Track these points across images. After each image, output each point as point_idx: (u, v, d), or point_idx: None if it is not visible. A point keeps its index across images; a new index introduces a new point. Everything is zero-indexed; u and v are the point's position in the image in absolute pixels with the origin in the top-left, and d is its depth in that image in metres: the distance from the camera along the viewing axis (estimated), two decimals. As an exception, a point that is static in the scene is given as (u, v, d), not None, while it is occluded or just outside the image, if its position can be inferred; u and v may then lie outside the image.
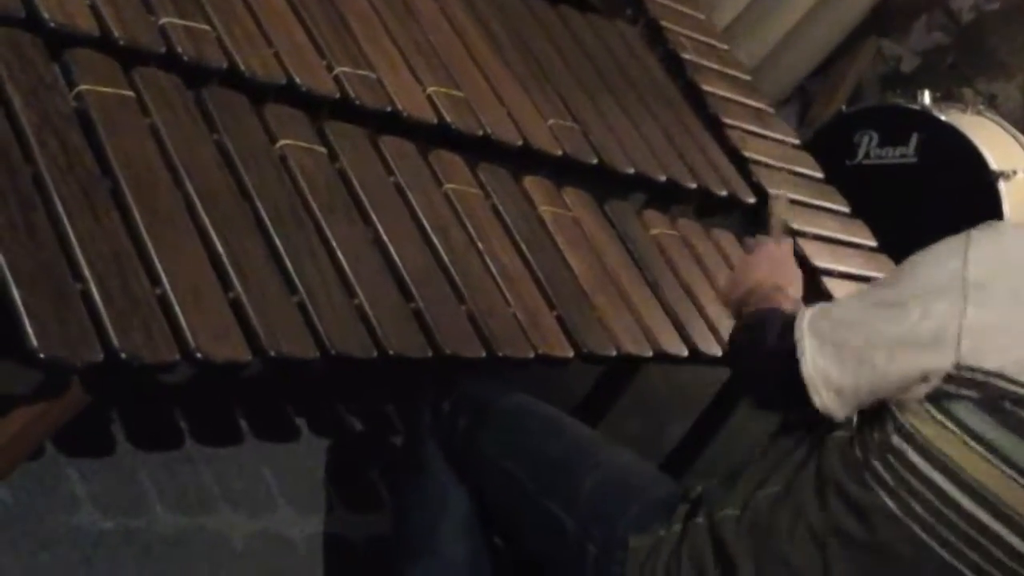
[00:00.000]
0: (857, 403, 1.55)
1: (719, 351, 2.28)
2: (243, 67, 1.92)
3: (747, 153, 2.90)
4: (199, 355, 1.48)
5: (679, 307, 2.30)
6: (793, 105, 4.80)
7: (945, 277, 1.47)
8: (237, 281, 1.60)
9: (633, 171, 2.54)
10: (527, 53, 2.61)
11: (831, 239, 2.87)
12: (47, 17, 1.69)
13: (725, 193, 2.74)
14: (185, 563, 2.05)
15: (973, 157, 3.77)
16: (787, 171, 3.00)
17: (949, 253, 1.51)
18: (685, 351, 2.23)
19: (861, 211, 3.08)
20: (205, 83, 1.86)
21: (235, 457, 2.25)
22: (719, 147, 2.88)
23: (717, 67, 3.16)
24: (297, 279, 1.68)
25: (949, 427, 1.45)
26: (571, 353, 2.01)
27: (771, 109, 3.25)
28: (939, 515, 1.47)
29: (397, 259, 1.87)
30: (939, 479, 1.47)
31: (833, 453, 1.57)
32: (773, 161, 2.97)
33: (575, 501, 1.78)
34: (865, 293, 1.64)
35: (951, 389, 1.44)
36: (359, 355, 1.69)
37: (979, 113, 4.06)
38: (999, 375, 1.42)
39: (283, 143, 1.87)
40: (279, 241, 1.71)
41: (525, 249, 2.11)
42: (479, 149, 2.24)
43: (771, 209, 2.35)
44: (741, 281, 2.02)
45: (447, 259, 1.95)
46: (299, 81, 1.99)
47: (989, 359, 1.43)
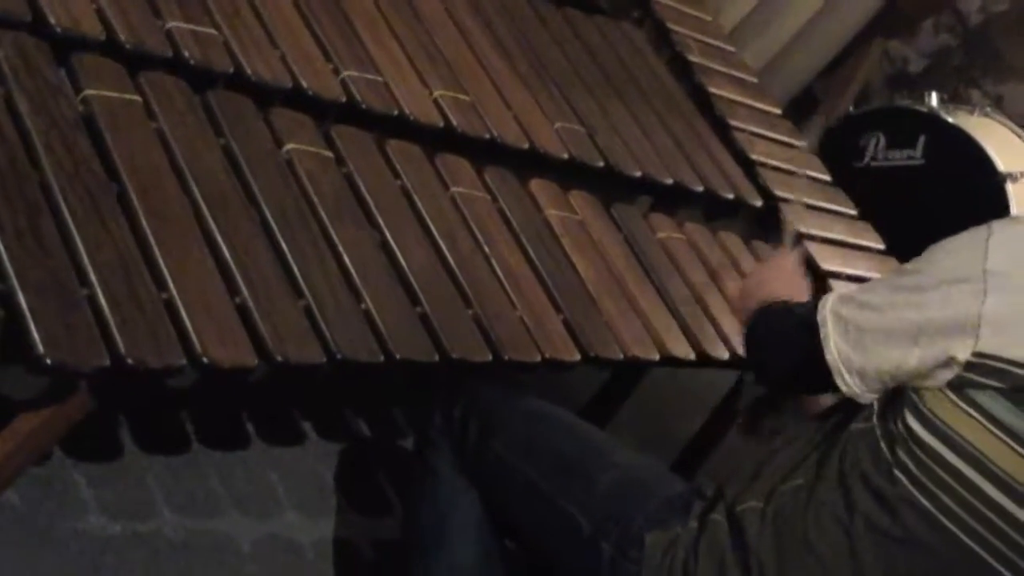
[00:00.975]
0: (881, 386, 1.56)
1: (726, 355, 2.28)
2: (249, 71, 1.92)
3: (754, 156, 2.90)
4: (205, 360, 1.48)
5: (686, 310, 2.30)
6: (800, 107, 4.79)
7: (966, 265, 1.48)
8: (243, 286, 1.60)
9: (640, 174, 2.54)
10: (533, 56, 2.61)
11: (838, 242, 2.87)
12: (53, 22, 1.70)
13: (732, 196, 2.74)
14: (193, 567, 2.04)
15: (981, 159, 3.76)
16: (794, 174, 2.99)
17: (970, 243, 1.51)
18: (692, 355, 2.23)
19: (868, 214, 3.07)
20: (211, 87, 1.87)
21: (242, 461, 2.25)
22: (726, 150, 2.88)
23: (724, 69, 3.16)
24: (303, 284, 1.68)
25: (973, 415, 1.46)
26: (578, 357, 2.01)
27: (778, 111, 3.25)
28: (964, 503, 1.48)
29: (403, 263, 1.87)
30: (964, 467, 1.47)
31: (857, 444, 1.57)
32: (780, 164, 2.97)
33: (589, 501, 1.78)
34: (888, 279, 1.64)
35: (974, 377, 1.45)
36: (366, 360, 1.69)
37: (986, 115, 4.05)
38: (1021, 364, 1.42)
39: (289, 147, 1.87)
40: (285, 245, 1.71)
41: (531, 252, 2.11)
42: (485, 152, 2.24)
43: (784, 216, 2.35)
44: (752, 292, 2.02)
45: (454, 263, 1.95)
46: (305, 85, 1.99)
47: (1010, 348, 1.43)
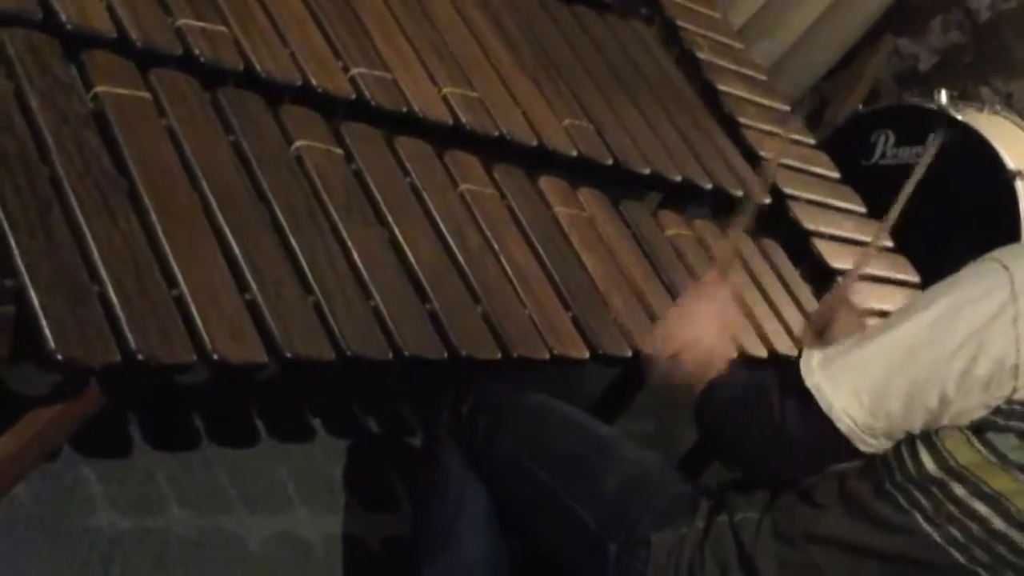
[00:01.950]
0: (906, 434, 1.52)
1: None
2: (259, 68, 1.92)
3: (763, 153, 2.90)
4: (215, 356, 1.48)
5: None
6: (809, 105, 4.79)
7: (994, 315, 1.43)
8: (253, 282, 1.60)
9: (648, 171, 2.54)
10: (542, 53, 2.61)
11: (848, 239, 2.87)
12: (64, 19, 1.70)
13: (741, 193, 2.73)
14: (202, 564, 2.05)
15: (990, 156, 3.75)
16: (803, 171, 2.99)
17: (992, 287, 1.45)
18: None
19: (878, 211, 3.06)
20: (221, 84, 1.87)
21: (252, 458, 2.25)
22: (735, 147, 2.88)
23: (733, 67, 3.16)
24: (313, 280, 1.69)
25: (991, 459, 1.45)
26: (586, 354, 2.01)
27: (787, 108, 3.24)
28: (972, 536, 1.48)
29: (413, 260, 1.87)
30: (978, 504, 1.47)
31: (861, 475, 1.57)
32: (789, 161, 2.96)
33: (596, 499, 1.78)
34: (889, 336, 1.52)
35: (999, 421, 1.44)
36: (375, 356, 1.69)
37: (996, 112, 4.04)
38: None
39: (299, 144, 1.87)
40: (295, 242, 1.71)
41: (540, 250, 2.11)
42: (494, 149, 2.24)
43: (762, 174, 2.30)
44: (675, 332, 1.89)
45: (462, 260, 1.95)
46: (315, 82, 1.99)
47: None
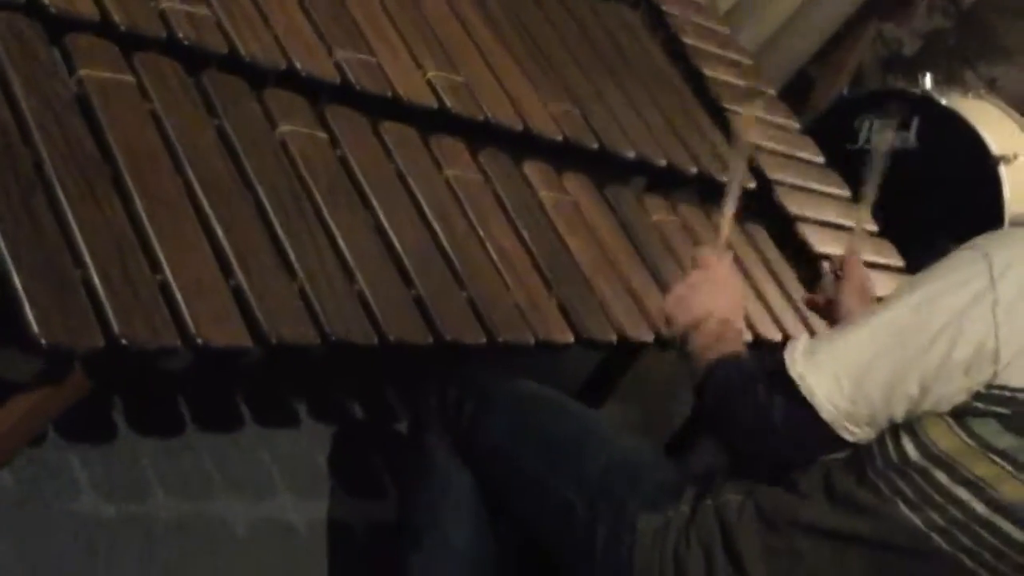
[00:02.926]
0: (889, 422, 1.52)
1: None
2: (243, 52, 1.92)
3: (735, 128, 2.89)
4: (200, 341, 1.48)
5: (680, 292, 2.29)
6: (794, 89, 4.79)
7: (972, 301, 1.44)
8: (237, 267, 1.60)
9: (634, 156, 2.54)
10: (528, 37, 2.60)
11: (832, 224, 2.87)
12: (47, 2, 1.69)
13: (726, 178, 2.73)
14: (187, 549, 2.05)
15: (974, 141, 3.76)
16: (788, 156, 2.99)
17: (971, 274, 1.46)
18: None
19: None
20: (205, 68, 1.86)
21: (236, 443, 2.25)
22: (720, 132, 2.88)
23: (718, 52, 3.16)
24: (297, 265, 1.69)
25: (971, 444, 1.46)
26: (571, 338, 2.01)
27: (773, 93, 3.24)
28: (956, 522, 1.49)
29: (397, 245, 1.87)
30: (961, 491, 1.48)
31: (844, 464, 1.57)
32: (774, 146, 2.97)
33: (583, 483, 1.78)
34: (872, 323, 1.53)
35: (979, 406, 1.44)
36: (360, 341, 1.69)
37: (980, 97, 4.05)
38: None
39: (284, 128, 1.87)
40: (279, 227, 1.71)
41: (525, 234, 2.11)
42: (479, 134, 2.24)
43: (736, 133, 2.29)
44: (685, 304, 1.87)
45: (447, 244, 1.95)
46: (299, 66, 1.98)
47: (1019, 377, 1.42)
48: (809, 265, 2.73)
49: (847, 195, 3.04)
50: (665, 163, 2.60)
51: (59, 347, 1.36)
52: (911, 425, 1.50)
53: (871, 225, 2.94)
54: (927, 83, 4.00)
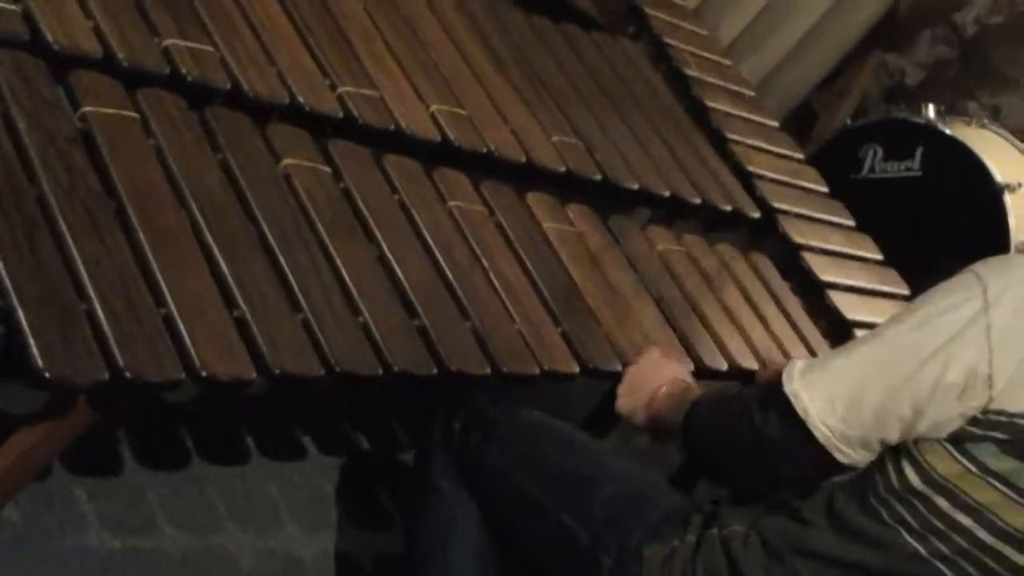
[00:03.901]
0: (883, 447, 1.53)
1: (725, 366, 2.28)
2: (247, 87, 1.93)
3: (752, 168, 2.91)
4: (204, 373, 1.48)
5: (684, 322, 2.30)
6: (797, 120, 4.80)
7: (965, 325, 1.44)
8: (241, 300, 1.61)
9: (637, 187, 2.55)
10: (530, 70, 2.62)
11: (837, 253, 2.88)
12: (51, 40, 1.71)
13: (730, 208, 2.75)
14: (193, 582, 2.05)
15: (978, 170, 3.76)
16: (792, 185, 3.00)
17: (965, 298, 1.46)
18: (691, 366, 2.23)
19: (867, 225, 3.08)
20: (209, 103, 1.88)
21: (242, 476, 2.25)
22: (723, 162, 2.89)
23: (721, 83, 3.17)
24: (301, 297, 1.69)
25: (972, 470, 1.45)
26: (576, 369, 2.02)
27: (775, 124, 3.25)
28: (960, 549, 1.48)
29: (401, 276, 1.87)
30: (962, 517, 1.47)
31: (846, 491, 1.57)
32: (778, 176, 2.98)
33: (588, 513, 1.78)
34: (867, 345, 1.55)
35: (976, 431, 1.44)
36: (364, 372, 1.69)
37: (983, 126, 4.06)
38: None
39: (287, 162, 1.88)
40: (283, 260, 1.72)
41: (529, 265, 2.12)
42: (483, 167, 2.25)
43: None
44: (638, 391, 1.96)
45: (452, 276, 1.95)
46: (302, 101, 2.00)
47: (1016, 401, 1.42)
48: (814, 294, 2.73)
49: (851, 224, 3.04)
50: (668, 194, 2.61)
51: (63, 380, 1.36)
52: (910, 450, 1.49)
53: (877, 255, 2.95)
54: (930, 113, 4.01)
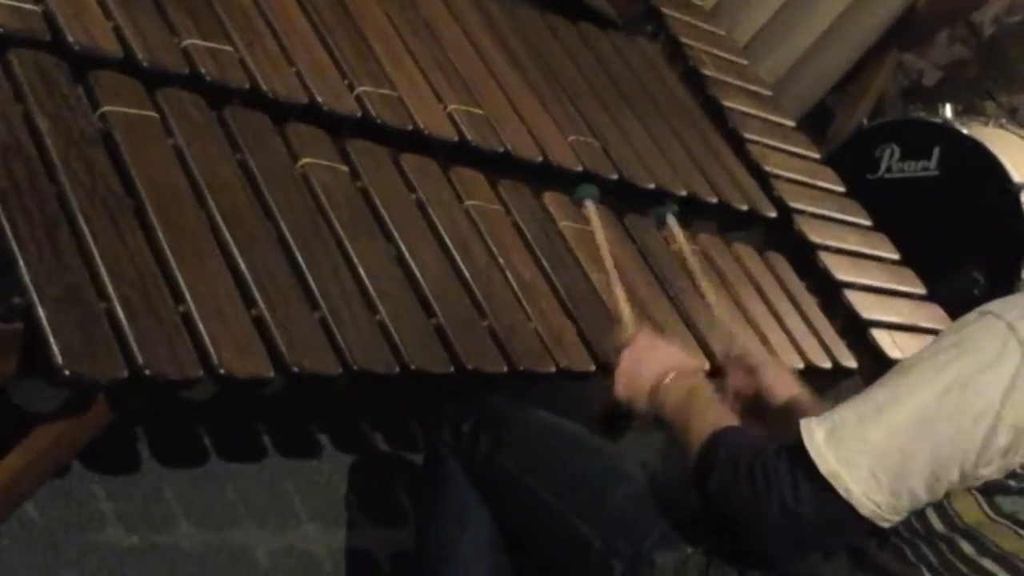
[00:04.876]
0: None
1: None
2: (265, 87, 1.94)
3: (768, 168, 2.91)
4: (222, 371, 1.49)
5: (700, 321, 2.30)
6: (814, 120, 4.80)
7: (1010, 384, 1.38)
8: (260, 298, 1.62)
9: (654, 186, 2.55)
10: (547, 70, 2.62)
11: (853, 252, 2.88)
12: (72, 40, 1.72)
13: (746, 208, 2.75)
14: (210, 579, 2.06)
15: (995, 170, 3.76)
16: (809, 185, 3.00)
17: (1001, 352, 1.39)
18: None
19: (883, 225, 3.08)
20: (228, 103, 1.88)
21: (259, 473, 2.26)
22: (740, 162, 2.89)
23: (738, 83, 3.17)
24: (319, 296, 1.70)
25: (1000, 521, 1.44)
26: (593, 367, 2.02)
27: (792, 124, 3.25)
28: None
29: (419, 275, 1.88)
30: (988, 563, 1.46)
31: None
32: (795, 175, 2.98)
33: (600, 517, 1.77)
34: (903, 410, 1.43)
35: (1012, 484, 1.42)
36: (381, 371, 1.70)
37: (1001, 126, 4.05)
38: None
39: (305, 162, 1.88)
40: (301, 258, 1.72)
41: (546, 264, 2.12)
42: (499, 166, 2.26)
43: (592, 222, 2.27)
44: (639, 377, 1.84)
45: (468, 275, 1.96)
46: (321, 100, 2.00)
47: None
48: (830, 293, 2.73)
49: (868, 224, 3.04)
50: (685, 193, 2.61)
51: (83, 378, 1.37)
52: (940, 503, 1.46)
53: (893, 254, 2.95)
54: (947, 113, 4.00)
